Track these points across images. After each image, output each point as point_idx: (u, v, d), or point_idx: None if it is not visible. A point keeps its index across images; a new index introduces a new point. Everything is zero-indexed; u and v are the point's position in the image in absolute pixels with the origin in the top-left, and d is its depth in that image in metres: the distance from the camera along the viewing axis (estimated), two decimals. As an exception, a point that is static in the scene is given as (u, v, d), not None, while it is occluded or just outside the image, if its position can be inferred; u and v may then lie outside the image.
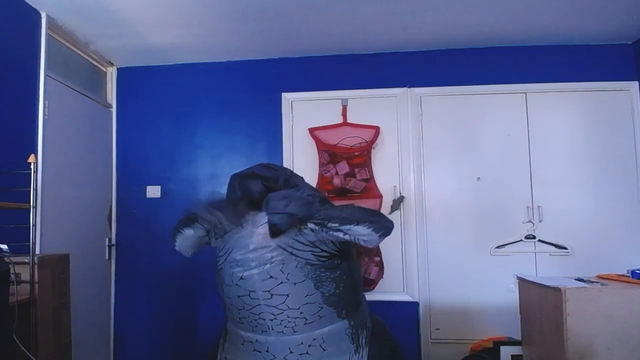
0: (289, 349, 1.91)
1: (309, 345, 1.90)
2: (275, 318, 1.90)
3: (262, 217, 1.97)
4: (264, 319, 1.91)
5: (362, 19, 2.86)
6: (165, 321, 3.39)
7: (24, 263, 1.93)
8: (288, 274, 1.88)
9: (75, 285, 2.44)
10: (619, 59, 3.26)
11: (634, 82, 3.22)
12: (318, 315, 1.91)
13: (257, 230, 1.95)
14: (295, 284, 1.87)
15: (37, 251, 2.12)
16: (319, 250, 1.92)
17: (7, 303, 1.70)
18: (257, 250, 1.92)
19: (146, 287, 3.41)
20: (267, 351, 1.94)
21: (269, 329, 1.92)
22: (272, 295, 1.88)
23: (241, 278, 1.92)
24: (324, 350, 1.91)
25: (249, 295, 1.91)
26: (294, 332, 1.91)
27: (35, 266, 1.94)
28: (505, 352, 2.85)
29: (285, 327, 1.90)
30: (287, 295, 1.87)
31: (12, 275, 1.75)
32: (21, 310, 1.80)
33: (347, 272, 1.97)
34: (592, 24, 2.99)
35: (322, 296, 1.89)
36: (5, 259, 1.72)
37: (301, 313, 1.89)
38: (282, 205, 1.86)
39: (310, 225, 1.89)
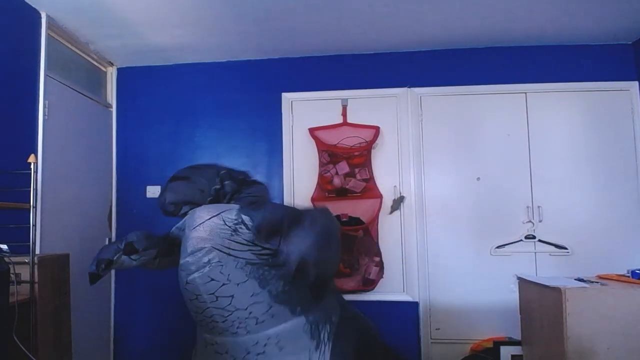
0: (246, 349, 1.90)
1: (265, 345, 1.89)
2: (226, 320, 1.90)
3: (195, 219, 2.01)
4: (217, 322, 1.91)
5: (362, 19, 2.86)
6: (165, 321, 3.39)
7: (24, 263, 1.93)
8: (229, 275, 1.87)
9: (75, 285, 2.44)
10: (619, 59, 3.26)
11: (634, 82, 3.22)
12: (269, 314, 1.89)
13: (191, 234, 1.97)
14: (238, 284, 1.87)
15: (37, 251, 2.12)
16: (260, 249, 1.90)
17: (7, 303, 1.70)
18: (194, 254, 1.93)
19: (146, 287, 3.41)
20: (226, 352, 1.94)
21: (223, 330, 1.92)
22: (217, 297, 1.88)
23: (187, 282, 1.95)
24: (281, 348, 1.89)
25: (197, 298, 1.93)
26: (248, 332, 1.90)
27: (35, 266, 1.94)
28: (505, 352, 2.85)
29: (238, 327, 1.89)
30: (232, 297, 1.87)
31: (12, 275, 1.75)
32: (21, 310, 1.80)
33: None
34: (592, 24, 2.99)
35: (270, 295, 1.88)
36: (5, 259, 1.72)
37: (250, 313, 1.88)
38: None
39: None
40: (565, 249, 3.12)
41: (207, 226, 1.95)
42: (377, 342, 2.20)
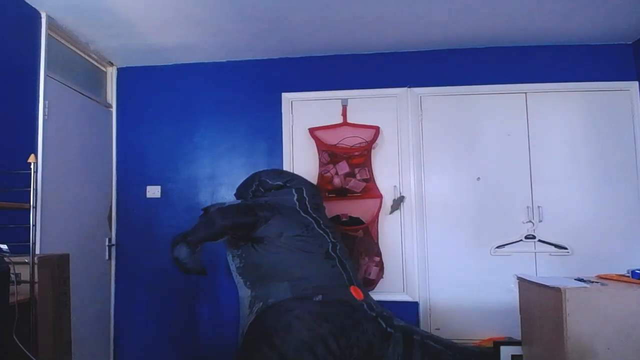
0: (240, 301, 2.72)
1: (240, 302, 2.69)
2: (235, 280, 2.76)
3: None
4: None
5: (362, 19, 2.86)
6: (165, 321, 3.39)
7: (24, 263, 1.92)
8: (226, 250, 2.83)
9: (75, 285, 2.44)
10: (619, 59, 3.26)
11: (634, 82, 3.22)
12: (238, 282, 2.69)
13: None
14: (231, 257, 2.74)
15: (37, 251, 2.12)
16: (229, 237, 2.70)
17: (7, 303, 1.70)
18: None
19: (146, 287, 3.41)
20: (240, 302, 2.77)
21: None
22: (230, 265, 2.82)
23: None
24: (240, 307, 2.68)
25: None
26: (240, 290, 2.70)
27: (35, 266, 1.94)
28: (505, 352, 2.85)
29: (236, 286, 2.77)
30: (230, 266, 2.77)
31: (12, 275, 1.75)
32: (21, 310, 1.79)
33: (246, 254, 2.63)
34: (592, 24, 2.99)
35: (236, 268, 2.68)
36: (5, 259, 1.72)
37: (236, 278, 2.71)
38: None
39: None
40: (565, 249, 3.12)
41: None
42: (260, 337, 2.48)
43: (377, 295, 3.18)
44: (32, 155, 2.02)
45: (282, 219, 2.65)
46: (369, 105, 3.36)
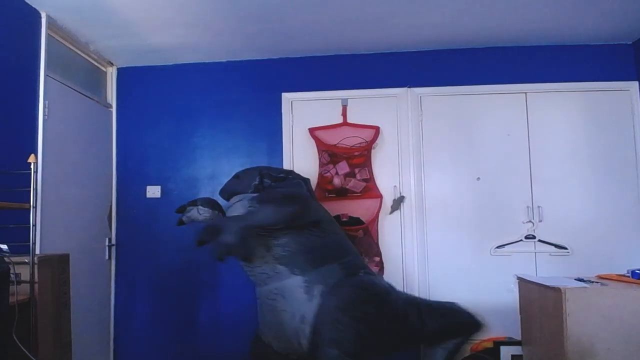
0: (266, 296, 2.52)
1: (275, 294, 2.48)
2: (252, 274, 2.57)
3: (231, 202, 2.75)
4: (249, 275, 2.61)
5: (362, 19, 2.86)
6: (165, 321, 3.39)
7: (24, 263, 1.92)
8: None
9: (75, 285, 2.44)
10: (619, 59, 3.26)
11: (634, 82, 3.22)
12: (275, 272, 2.47)
13: (229, 211, 2.73)
14: (253, 249, 2.48)
15: (37, 251, 2.12)
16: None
17: (7, 303, 1.70)
18: None
19: (146, 287, 3.41)
20: (259, 297, 2.59)
21: (255, 282, 2.60)
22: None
23: None
24: (284, 297, 2.45)
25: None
26: (265, 284, 2.51)
27: (35, 266, 1.94)
28: (505, 352, 2.85)
29: (260, 280, 2.54)
30: (249, 257, 2.50)
31: (12, 275, 1.75)
32: (21, 310, 1.80)
33: (294, 240, 2.49)
34: (592, 24, 2.99)
35: (274, 258, 2.46)
36: (5, 259, 1.72)
37: (263, 270, 2.50)
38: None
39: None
40: (565, 249, 3.12)
41: (233, 207, 2.68)
42: (376, 298, 2.46)
43: (377, 295, 3.18)
44: (32, 155, 2.02)
45: (317, 204, 2.77)
46: (369, 105, 3.36)
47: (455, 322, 2.58)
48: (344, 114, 3.37)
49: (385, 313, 2.44)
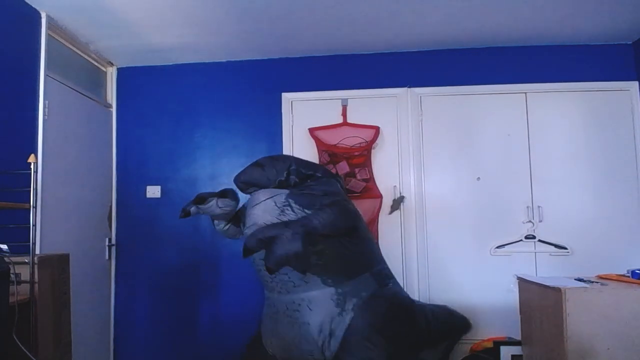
0: (286, 305, 2.34)
1: (299, 304, 2.29)
2: (272, 280, 2.32)
3: (255, 199, 2.46)
4: (267, 281, 2.36)
5: (362, 19, 2.86)
6: (165, 321, 3.39)
7: (24, 263, 1.92)
8: None
9: (75, 285, 2.44)
10: (619, 59, 3.26)
11: (634, 82, 3.22)
12: (304, 281, 2.27)
13: (251, 211, 2.44)
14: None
15: (37, 251, 2.12)
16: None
17: (7, 303, 1.70)
18: (251, 227, 2.36)
19: (146, 287, 3.41)
20: (274, 305, 2.41)
21: (272, 289, 2.39)
22: None
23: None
24: (311, 310, 2.27)
25: (254, 262, 2.40)
26: (288, 292, 2.32)
27: (35, 266, 1.94)
28: (505, 352, 2.85)
29: (281, 287, 2.33)
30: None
31: (12, 275, 1.75)
32: (21, 310, 1.79)
33: (330, 248, 2.28)
34: (592, 24, 2.99)
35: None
36: (5, 259, 1.72)
37: (289, 278, 2.27)
38: (261, 235, 2.22)
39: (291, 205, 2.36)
40: (565, 249, 3.12)
41: (262, 205, 2.40)
42: (407, 314, 2.39)
43: (377, 295, 3.18)
44: (32, 155, 2.02)
45: (354, 206, 2.59)
46: (369, 105, 3.36)
47: (450, 324, 2.59)
48: (344, 114, 3.37)
49: (413, 330, 2.38)
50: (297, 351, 2.29)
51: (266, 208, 2.38)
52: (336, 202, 2.36)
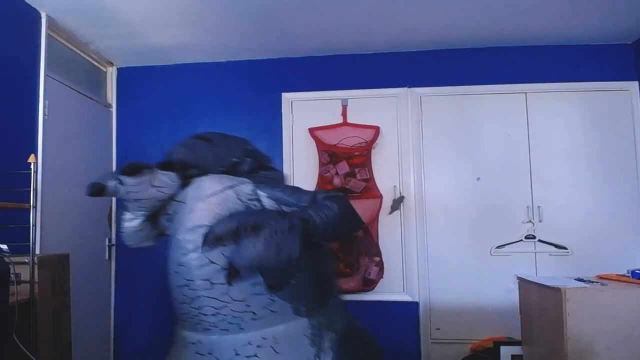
0: (234, 350, 1.62)
1: (258, 346, 1.60)
2: (217, 313, 1.61)
3: (204, 189, 1.70)
4: (205, 314, 1.63)
5: (362, 19, 2.86)
6: (165, 321, 3.38)
7: (24, 263, 1.93)
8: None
9: (75, 285, 2.44)
10: (619, 59, 3.26)
11: (634, 82, 3.22)
12: (269, 310, 1.60)
13: (197, 206, 1.66)
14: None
15: (37, 251, 2.12)
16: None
17: (7, 303, 1.70)
18: (196, 230, 1.61)
19: (146, 287, 3.41)
20: (209, 354, 1.66)
21: (211, 326, 1.64)
22: (212, 284, 1.58)
23: (179, 264, 1.67)
24: (277, 352, 1.60)
25: (188, 285, 1.65)
26: (241, 329, 1.60)
27: (35, 266, 1.94)
28: (505, 352, 2.85)
29: (229, 323, 1.61)
30: (230, 285, 1.57)
31: (12, 275, 1.75)
32: (21, 310, 1.79)
33: (307, 262, 1.62)
34: (592, 24, 2.99)
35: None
36: (5, 259, 1.72)
37: (248, 306, 1.59)
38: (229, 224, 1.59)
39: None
40: (565, 249, 3.12)
41: (216, 199, 1.67)
42: (376, 349, 1.96)
43: (377, 295, 3.19)
44: (32, 155, 2.02)
45: None
46: (369, 105, 3.36)
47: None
48: (344, 114, 3.37)
49: None
50: None
51: (224, 202, 1.67)
52: (338, 197, 1.74)
